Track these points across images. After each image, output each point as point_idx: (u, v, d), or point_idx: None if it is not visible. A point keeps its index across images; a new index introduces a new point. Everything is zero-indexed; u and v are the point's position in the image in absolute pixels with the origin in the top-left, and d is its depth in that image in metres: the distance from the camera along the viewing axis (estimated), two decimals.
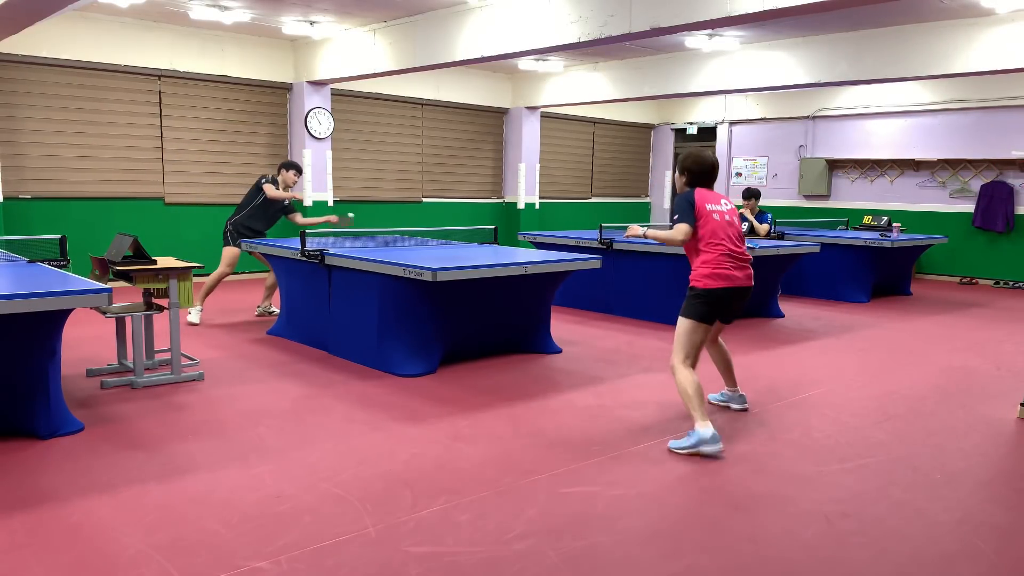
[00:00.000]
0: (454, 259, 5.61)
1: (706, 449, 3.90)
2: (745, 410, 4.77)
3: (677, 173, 4.38)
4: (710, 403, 4.81)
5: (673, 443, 4.03)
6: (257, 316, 7.65)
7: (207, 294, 7.32)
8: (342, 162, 11.09)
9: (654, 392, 5.17)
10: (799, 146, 13.26)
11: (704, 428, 3.93)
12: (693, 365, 4.15)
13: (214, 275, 7.27)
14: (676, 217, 4.19)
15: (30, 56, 8.62)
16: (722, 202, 4.30)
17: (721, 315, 4.31)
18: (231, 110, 10.12)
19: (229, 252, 7.23)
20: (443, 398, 4.90)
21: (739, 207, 9.25)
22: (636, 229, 4.45)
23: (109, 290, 3.83)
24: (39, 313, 3.68)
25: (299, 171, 7.51)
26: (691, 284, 4.20)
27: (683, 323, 4.17)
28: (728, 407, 4.82)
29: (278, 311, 7.64)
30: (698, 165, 4.27)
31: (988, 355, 6.52)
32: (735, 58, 9.97)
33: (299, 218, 7.69)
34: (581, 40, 7.06)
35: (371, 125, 11.41)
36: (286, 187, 7.41)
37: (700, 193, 4.21)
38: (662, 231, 4.28)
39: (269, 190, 7.16)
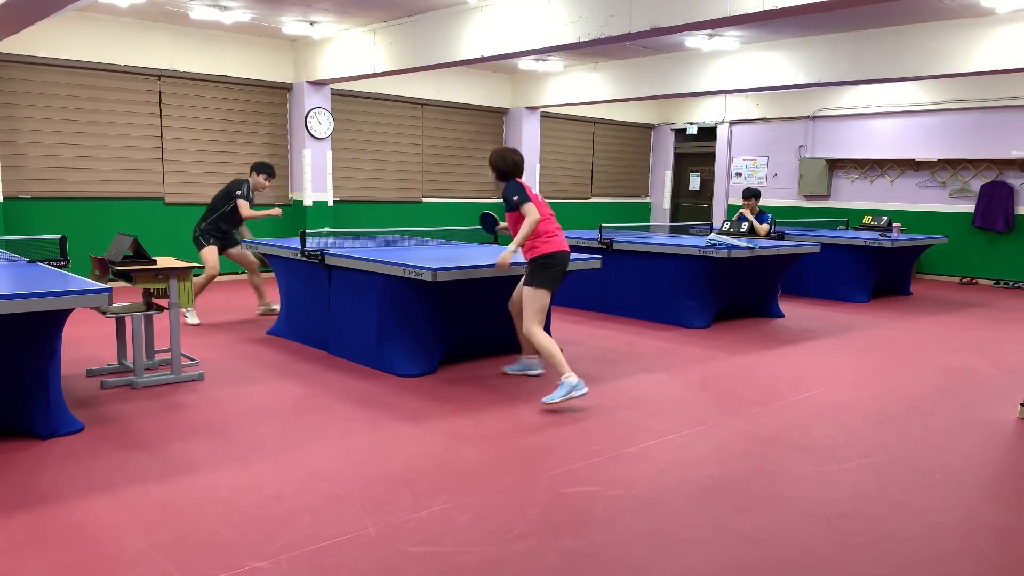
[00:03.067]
0: (454, 259, 5.60)
1: (576, 393, 4.58)
2: (541, 374, 5.20)
3: (491, 171, 4.96)
4: (504, 374, 5.38)
5: (546, 398, 4.60)
6: (260, 315, 7.67)
7: (196, 295, 7.27)
8: (342, 162, 11.09)
9: (654, 392, 5.18)
10: (799, 146, 13.26)
11: (570, 377, 4.59)
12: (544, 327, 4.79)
13: (204, 277, 7.22)
14: (516, 199, 4.74)
15: (30, 56, 8.62)
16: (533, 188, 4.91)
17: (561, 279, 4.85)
18: (231, 110, 10.12)
19: (209, 253, 7.25)
20: (443, 398, 4.90)
21: (739, 207, 9.27)
22: (506, 255, 4.85)
23: (109, 290, 3.83)
24: (39, 313, 3.68)
25: (271, 174, 7.45)
26: (534, 255, 4.75)
27: (533, 292, 4.75)
28: (526, 375, 5.27)
29: (277, 307, 7.67)
30: (503, 162, 4.89)
31: (988, 355, 6.52)
32: (735, 58, 9.97)
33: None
34: (581, 40, 7.06)
35: (371, 125, 11.41)
36: (255, 191, 7.39)
37: (525, 184, 4.85)
38: (521, 232, 4.71)
39: (243, 209, 7.18)
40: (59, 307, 3.72)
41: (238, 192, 7.23)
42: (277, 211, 7.47)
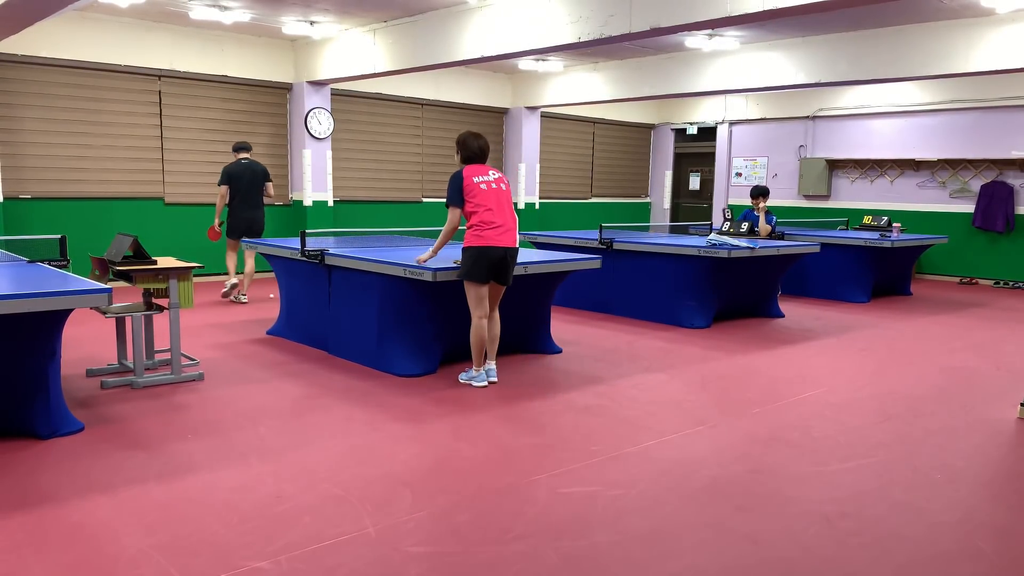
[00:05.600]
0: (454, 259, 5.59)
1: (475, 383, 5.12)
2: (493, 382, 5.22)
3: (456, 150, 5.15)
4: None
5: (461, 375, 5.23)
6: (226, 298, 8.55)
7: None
8: (342, 162, 11.09)
9: (654, 392, 5.18)
10: (799, 146, 13.26)
11: (477, 371, 5.15)
12: (485, 317, 5.08)
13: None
14: (446, 201, 5.01)
15: (30, 56, 8.61)
16: (489, 173, 5.03)
17: (492, 274, 4.98)
18: (231, 110, 10.12)
19: None
20: (443, 398, 4.90)
21: (739, 207, 9.24)
22: (423, 255, 5.16)
23: (109, 290, 3.83)
24: (39, 313, 3.68)
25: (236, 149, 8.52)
26: (464, 246, 4.97)
27: (465, 285, 5.03)
28: (470, 384, 5.19)
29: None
30: (466, 148, 5.06)
31: (988, 355, 6.52)
32: (735, 58, 9.97)
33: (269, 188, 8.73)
34: (581, 40, 7.06)
35: (371, 125, 11.41)
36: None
37: (468, 169, 4.98)
38: (441, 237, 5.11)
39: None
40: (59, 307, 3.72)
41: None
42: (215, 228, 8.43)
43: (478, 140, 5.08)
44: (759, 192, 8.92)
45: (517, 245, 5.06)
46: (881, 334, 7.40)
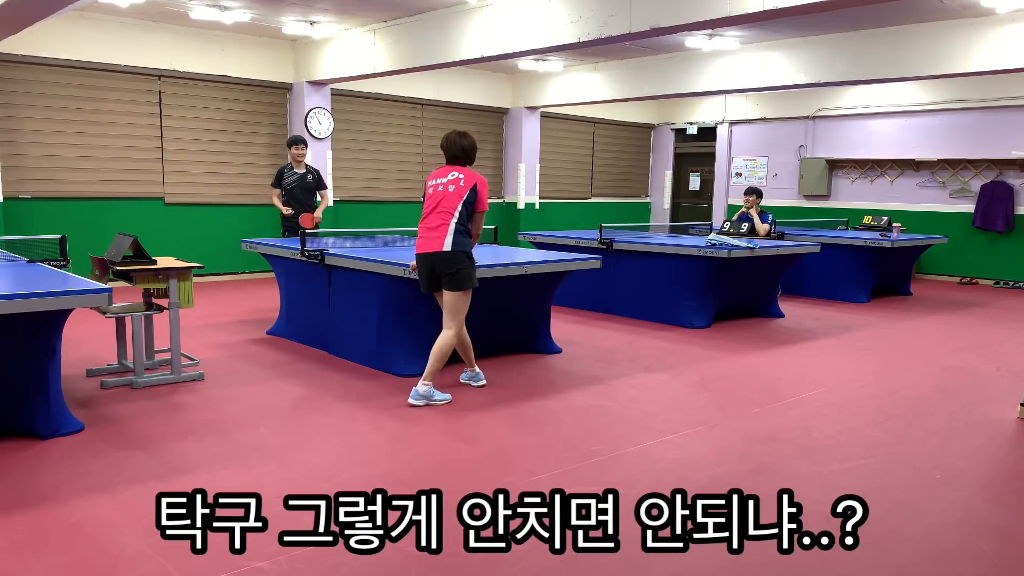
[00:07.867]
0: None
1: (475, 383, 5.14)
2: (483, 386, 5.18)
3: None
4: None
5: (461, 375, 5.21)
6: None
7: None
8: (342, 162, 11.08)
9: (654, 392, 5.18)
10: (799, 146, 13.26)
11: (474, 371, 5.16)
12: (460, 327, 4.84)
13: None
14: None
15: (30, 56, 8.61)
16: (449, 175, 4.73)
17: (431, 282, 4.77)
18: (231, 110, 10.12)
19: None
20: None
21: (739, 207, 9.25)
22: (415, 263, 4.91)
23: (109, 290, 3.83)
24: (39, 313, 3.68)
25: (295, 143, 8.06)
26: None
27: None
28: (470, 384, 5.19)
29: None
30: (443, 148, 4.85)
31: (988, 355, 6.52)
32: (735, 58, 9.97)
33: (325, 197, 8.43)
34: (581, 40, 7.06)
35: (371, 125, 11.41)
36: (297, 162, 8.08)
37: (434, 173, 4.83)
38: None
39: (275, 201, 8.09)
40: (59, 307, 3.73)
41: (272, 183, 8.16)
42: (286, 210, 7.98)
43: (458, 140, 4.77)
44: (751, 191, 8.93)
45: (444, 248, 4.58)
46: (881, 334, 7.40)
